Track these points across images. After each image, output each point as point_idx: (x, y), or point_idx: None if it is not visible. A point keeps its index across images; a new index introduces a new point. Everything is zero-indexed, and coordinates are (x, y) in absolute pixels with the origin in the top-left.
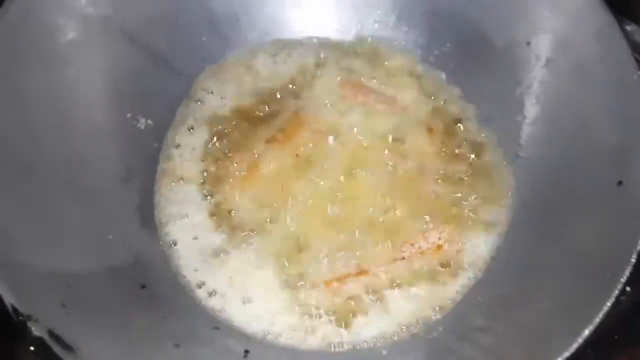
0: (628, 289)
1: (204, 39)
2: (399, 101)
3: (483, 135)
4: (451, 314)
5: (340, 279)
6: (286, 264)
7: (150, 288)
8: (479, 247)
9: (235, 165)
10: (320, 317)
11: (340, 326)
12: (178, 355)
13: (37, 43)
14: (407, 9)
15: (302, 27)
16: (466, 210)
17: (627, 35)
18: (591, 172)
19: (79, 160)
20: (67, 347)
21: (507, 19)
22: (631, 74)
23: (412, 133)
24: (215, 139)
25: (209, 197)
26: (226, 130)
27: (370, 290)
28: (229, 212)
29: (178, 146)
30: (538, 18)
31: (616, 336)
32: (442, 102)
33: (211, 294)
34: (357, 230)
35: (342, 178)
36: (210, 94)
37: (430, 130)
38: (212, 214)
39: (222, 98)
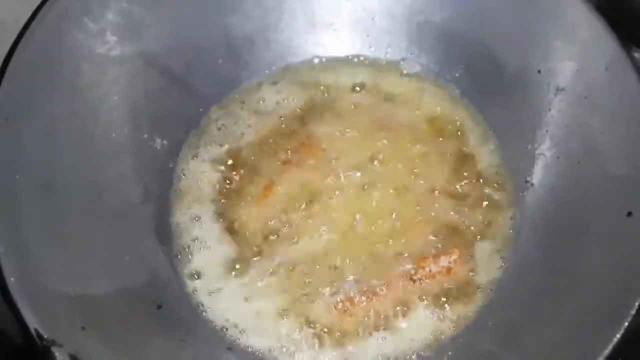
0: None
1: (220, 61)
2: (408, 125)
3: (493, 160)
4: (460, 338)
5: (350, 301)
6: (298, 286)
7: (167, 309)
8: (489, 271)
9: (250, 187)
10: (329, 339)
11: (347, 348)
12: None
13: (62, 64)
14: (420, 33)
15: (315, 50)
16: (476, 235)
17: (634, 62)
18: (601, 201)
19: (98, 182)
20: None
21: (519, 46)
22: None
23: (423, 155)
24: (229, 161)
25: (221, 219)
26: (241, 153)
27: (378, 313)
28: (244, 233)
29: (192, 167)
30: (550, 46)
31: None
32: (452, 126)
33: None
34: (367, 252)
35: (353, 202)
36: (226, 116)
37: (441, 153)
38: (226, 235)
39: (236, 122)
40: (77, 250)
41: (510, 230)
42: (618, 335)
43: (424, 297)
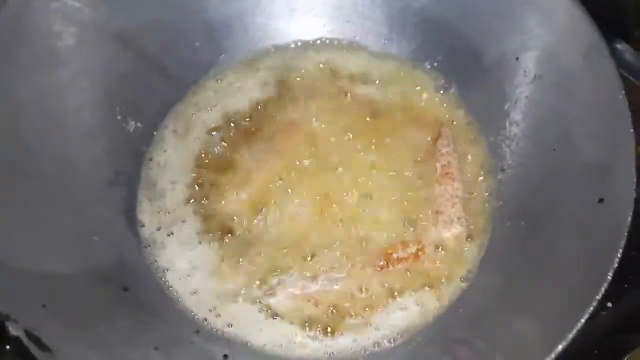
0: (609, 304)
1: (197, 44)
2: (385, 110)
3: (471, 145)
4: (431, 325)
5: (320, 289)
6: (270, 273)
7: (133, 291)
8: (460, 258)
9: (225, 171)
10: (300, 326)
11: (320, 336)
12: (157, 358)
13: (30, 43)
14: (400, 19)
15: (294, 34)
16: (447, 221)
17: (618, 53)
18: (573, 188)
19: (67, 162)
20: (45, 348)
21: (498, 34)
22: (616, 93)
23: (399, 140)
24: (204, 144)
25: (194, 201)
26: (217, 136)
27: (349, 300)
28: (215, 217)
29: (165, 151)
30: (528, 34)
31: (595, 351)
32: (430, 113)
33: (193, 295)
34: (336, 240)
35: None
36: (203, 101)
37: (417, 138)
38: (197, 219)
39: (214, 106)
40: (42, 229)
41: (484, 218)
42: (582, 320)
43: (393, 285)
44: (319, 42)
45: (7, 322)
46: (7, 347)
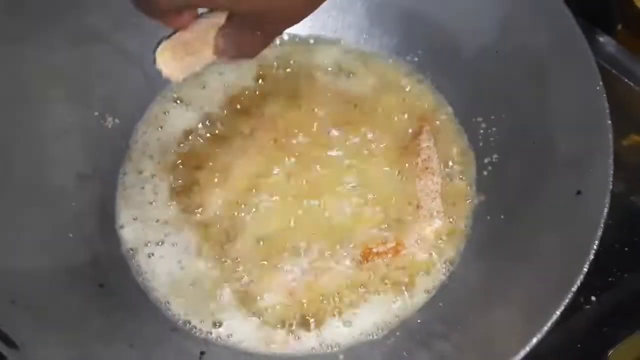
0: (593, 298)
1: None
2: (366, 104)
3: (451, 140)
4: (410, 320)
5: (299, 284)
6: (249, 269)
7: (109, 288)
8: (440, 252)
9: (204, 166)
10: (279, 322)
11: (300, 332)
12: (132, 356)
13: None
14: (381, 14)
15: None
16: (427, 215)
17: (600, 46)
18: (552, 181)
19: (41, 156)
20: (10, 344)
21: (478, 27)
22: (594, 84)
23: (377, 135)
24: (184, 140)
25: (174, 197)
26: (197, 132)
27: (328, 296)
28: (194, 212)
29: (144, 146)
30: (507, 27)
31: (579, 345)
32: (411, 108)
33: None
34: (316, 235)
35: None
36: (182, 97)
37: (400, 133)
38: (176, 215)
39: (193, 101)
40: (11, 223)
41: (464, 212)
42: (558, 312)
43: (372, 279)
44: (298, 37)
45: None
46: None
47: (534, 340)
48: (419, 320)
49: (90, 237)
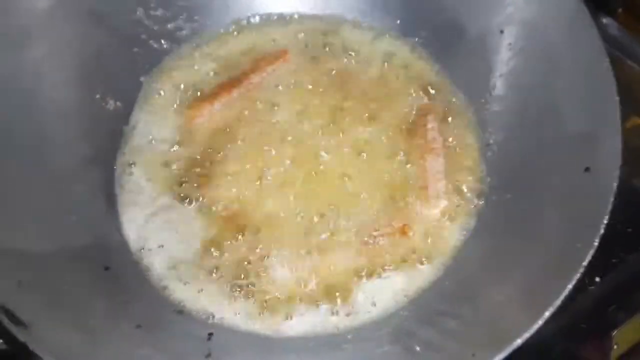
0: (597, 279)
1: (176, 19)
2: (369, 85)
3: (457, 120)
4: (417, 299)
5: (307, 266)
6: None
7: (114, 271)
8: (446, 232)
9: (206, 146)
10: (287, 303)
11: (307, 313)
12: (138, 336)
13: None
14: None
15: (276, 7)
16: (433, 196)
17: (603, 28)
18: (559, 159)
19: (45, 140)
20: (19, 323)
21: (482, 7)
22: (601, 62)
23: (382, 116)
24: (183, 119)
25: (175, 180)
26: (197, 112)
27: (335, 276)
28: (197, 196)
29: (145, 127)
30: (512, 6)
31: (584, 325)
32: (415, 88)
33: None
34: (322, 216)
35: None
36: (181, 76)
37: (401, 114)
38: (179, 199)
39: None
40: (16, 206)
41: (469, 192)
42: (570, 286)
43: (379, 260)
44: (299, 15)
45: None
46: None
47: (543, 318)
48: (425, 299)
49: (93, 221)
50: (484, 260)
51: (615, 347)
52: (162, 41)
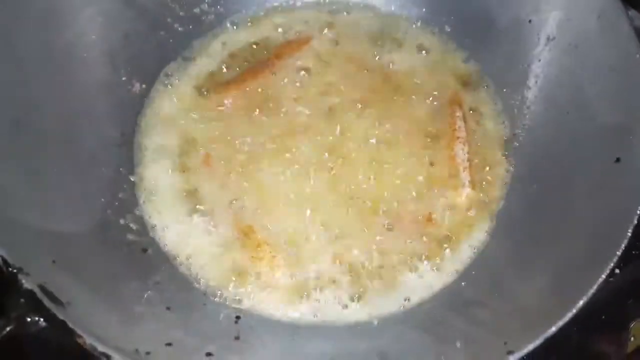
0: (617, 271)
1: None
2: (397, 74)
3: (484, 110)
4: (445, 288)
5: (335, 254)
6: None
7: (150, 253)
8: (472, 221)
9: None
10: (314, 289)
11: (335, 301)
12: (169, 318)
13: (35, 3)
14: None
15: None
16: (459, 184)
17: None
18: (589, 149)
19: (73, 121)
20: (57, 302)
21: None
22: (632, 54)
23: (409, 104)
24: (206, 101)
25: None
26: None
27: (363, 265)
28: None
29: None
30: None
31: (603, 317)
32: (442, 77)
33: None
34: (349, 204)
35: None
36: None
37: (428, 102)
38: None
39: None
40: (48, 187)
41: (496, 182)
42: (603, 276)
43: (406, 249)
44: (325, 2)
45: (20, 275)
46: (22, 300)
47: (577, 307)
48: (453, 289)
49: (120, 203)
50: (511, 249)
51: (632, 339)
52: (188, 25)
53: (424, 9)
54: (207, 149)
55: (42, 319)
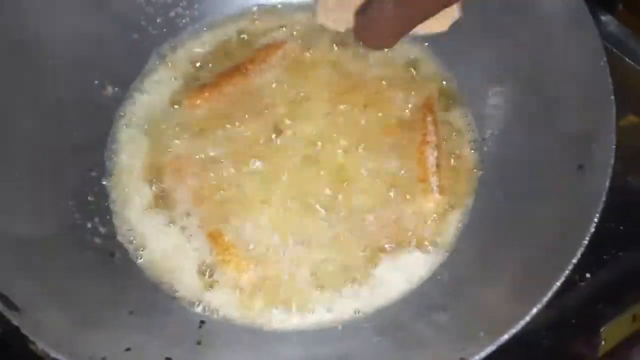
0: (588, 275)
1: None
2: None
3: (454, 116)
4: (410, 293)
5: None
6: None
7: (117, 257)
8: (440, 226)
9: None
10: (280, 294)
11: (298, 303)
12: (131, 322)
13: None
14: None
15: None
16: (428, 190)
17: (602, 25)
18: (553, 155)
19: (41, 123)
20: (12, 306)
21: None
22: (597, 60)
23: (379, 108)
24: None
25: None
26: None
27: (329, 268)
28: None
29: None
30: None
31: (573, 321)
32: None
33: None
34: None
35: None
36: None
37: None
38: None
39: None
40: (12, 189)
41: (464, 187)
42: (558, 284)
43: (374, 253)
44: (300, 6)
45: None
46: None
47: (530, 315)
48: (418, 293)
49: (89, 207)
50: (477, 254)
51: (603, 342)
52: (162, 29)
53: None
54: (178, 154)
55: None
